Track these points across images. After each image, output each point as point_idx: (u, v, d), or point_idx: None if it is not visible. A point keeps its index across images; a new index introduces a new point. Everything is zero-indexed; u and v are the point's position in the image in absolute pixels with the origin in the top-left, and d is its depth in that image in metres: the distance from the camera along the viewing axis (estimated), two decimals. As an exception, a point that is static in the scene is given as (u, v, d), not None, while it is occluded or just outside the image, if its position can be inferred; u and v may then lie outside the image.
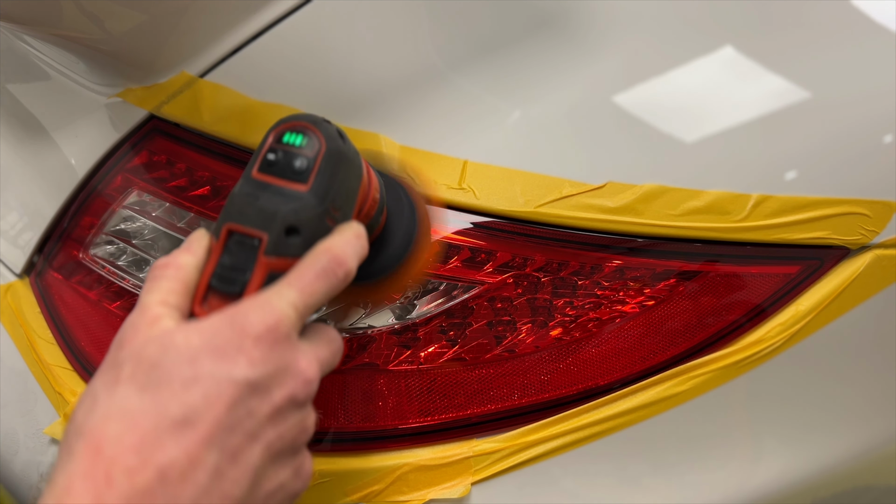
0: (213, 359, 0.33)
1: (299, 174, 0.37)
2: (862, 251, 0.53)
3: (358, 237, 0.39)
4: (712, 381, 0.52)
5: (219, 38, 0.49)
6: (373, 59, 0.50)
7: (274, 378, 0.34)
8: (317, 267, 0.36)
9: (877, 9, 0.54)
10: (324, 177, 0.37)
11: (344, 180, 0.39)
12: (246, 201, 0.37)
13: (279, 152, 0.38)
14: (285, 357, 0.35)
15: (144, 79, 0.51)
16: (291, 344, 0.35)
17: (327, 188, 0.38)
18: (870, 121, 0.53)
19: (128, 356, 0.34)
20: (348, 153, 0.39)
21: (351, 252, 0.38)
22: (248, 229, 0.36)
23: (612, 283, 0.50)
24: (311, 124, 0.38)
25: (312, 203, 0.37)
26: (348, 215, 0.40)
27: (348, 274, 0.37)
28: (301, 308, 0.35)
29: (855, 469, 0.58)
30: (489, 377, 0.50)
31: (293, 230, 0.37)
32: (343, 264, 0.37)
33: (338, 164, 0.38)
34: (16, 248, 0.61)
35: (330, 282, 0.36)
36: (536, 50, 0.51)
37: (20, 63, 0.60)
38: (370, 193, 0.42)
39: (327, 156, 0.38)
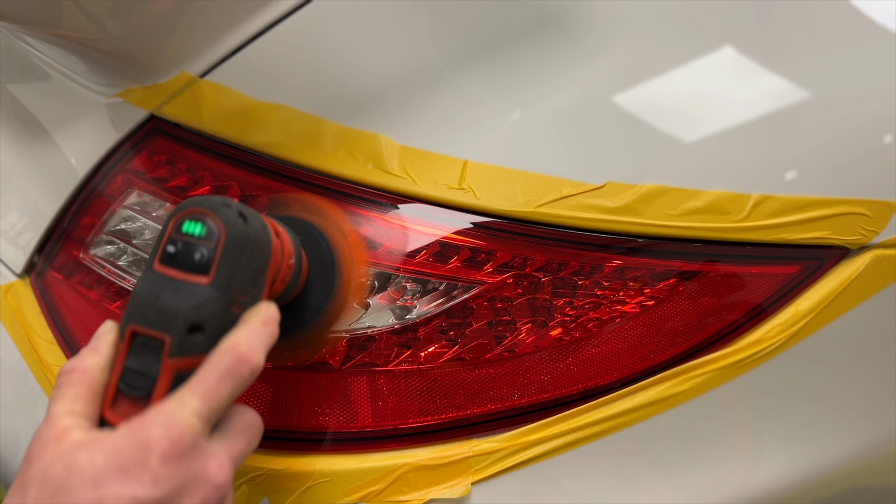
0: (117, 479, 0.33)
1: (200, 266, 0.36)
2: (862, 251, 0.53)
3: (265, 324, 0.38)
4: (712, 381, 0.52)
5: (219, 38, 0.49)
6: (373, 60, 0.50)
7: (181, 491, 0.34)
8: (220, 369, 0.36)
9: (877, 9, 0.54)
10: (226, 266, 0.36)
11: (249, 264, 0.38)
12: (147, 301, 0.36)
13: (178, 243, 0.37)
14: (192, 467, 0.34)
15: (145, 79, 0.51)
16: (198, 452, 0.35)
17: (230, 277, 0.36)
18: (870, 121, 0.53)
19: (34, 477, 0.33)
20: (252, 234, 0.38)
21: (257, 344, 0.37)
22: (151, 331, 0.36)
23: (612, 283, 0.50)
24: (209, 211, 0.37)
25: (215, 296, 0.36)
26: (258, 297, 0.39)
27: (255, 370, 0.37)
28: (206, 414, 0.35)
29: (855, 469, 0.58)
30: (489, 377, 0.51)
31: (196, 328, 0.36)
32: (248, 362, 0.36)
33: (241, 249, 0.37)
34: (16, 247, 0.61)
35: (235, 382, 0.36)
36: (536, 50, 0.51)
37: (20, 63, 0.60)
38: (283, 262, 0.41)
39: (228, 244, 0.36)
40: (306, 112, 0.50)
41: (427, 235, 0.50)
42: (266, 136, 0.50)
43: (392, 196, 0.50)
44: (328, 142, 0.50)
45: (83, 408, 0.36)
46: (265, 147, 0.50)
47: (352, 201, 0.50)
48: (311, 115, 0.50)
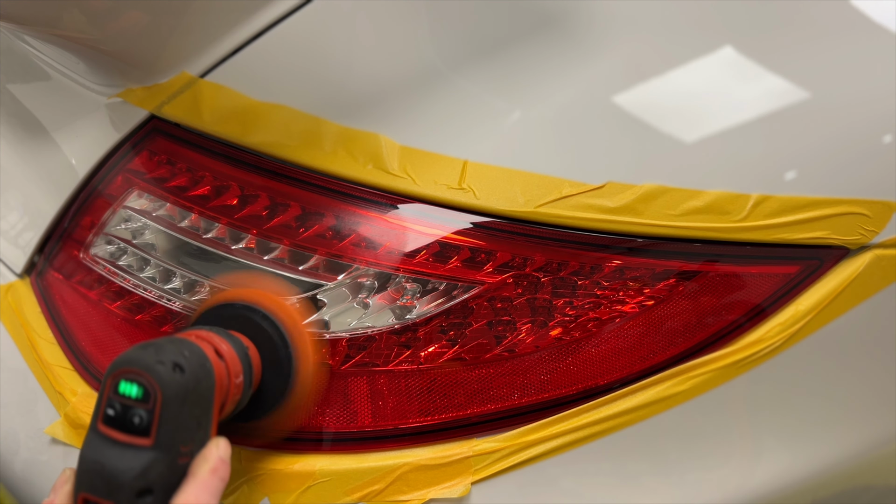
0: None
1: (140, 430, 0.36)
2: (861, 251, 0.53)
3: (214, 471, 0.38)
4: (712, 380, 0.52)
5: (219, 38, 0.49)
6: (373, 60, 0.50)
7: None
8: None
9: (877, 9, 0.54)
10: (168, 424, 0.36)
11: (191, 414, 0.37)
12: (93, 468, 0.36)
13: (116, 405, 0.37)
14: None
15: (145, 79, 0.51)
16: None
17: (173, 434, 0.36)
18: (869, 121, 0.53)
19: None
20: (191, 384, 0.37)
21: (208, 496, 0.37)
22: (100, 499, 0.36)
23: (611, 283, 0.50)
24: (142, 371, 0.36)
25: (160, 457, 0.36)
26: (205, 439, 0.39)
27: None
28: None
29: (855, 469, 0.58)
30: (489, 377, 0.51)
31: (145, 491, 0.36)
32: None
33: (181, 404, 0.37)
34: (16, 247, 0.62)
35: None
36: (536, 50, 0.51)
37: (20, 63, 0.60)
38: (230, 386, 0.41)
39: (166, 403, 0.36)
40: (306, 112, 0.50)
41: (427, 235, 0.50)
42: (266, 136, 0.50)
43: (392, 196, 0.50)
44: (328, 142, 0.50)
45: None
46: (265, 147, 0.50)
47: (352, 201, 0.50)
48: (311, 115, 0.50)
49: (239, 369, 0.42)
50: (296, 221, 0.51)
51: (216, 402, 0.39)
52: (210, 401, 0.39)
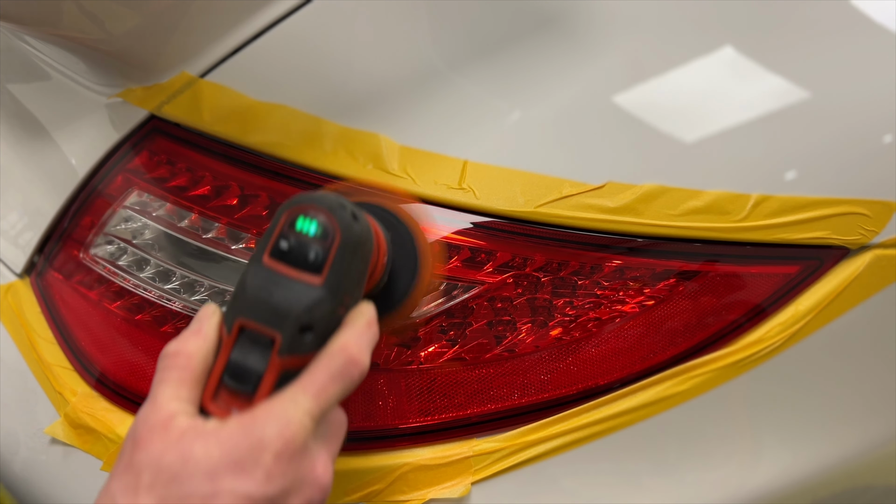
0: (232, 474, 0.33)
1: (313, 266, 0.36)
2: (861, 251, 0.53)
3: (369, 326, 0.38)
4: (712, 380, 0.52)
5: (219, 38, 0.49)
6: (373, 60, 0.50)
7: (290, 490, 0.34)
8: (332, 369, 0.36)
9: (877, 9, 0.54)
10: (338, 268, 0.36)
11: (357, 266, 0.38)
12: (259, 296, 0.36)
13: (292, 239, 0.36)
14: (302, 468, 0.35)
15: (145, 79, 0.51)
16: (307, 453, 0.35)
17: (341, 279, 0.36)
18: (869, 121, 0.53)
19: (146, 462, 0.34)
20: (362, 237, 0.38)
21: (365, 346, 0.37)
22: (262, 327, 0.36)
23: (611, 283, 0.50)
24: (326, 210, 0.37)
25: (326, 297, 0.36)
26: (359, 297, 0.39)
27: (363, 372, 0.37)
28: (317, 414, 0.36)
29: (854, 469, 0.58)
30: (489, 377, 0.51)
31: (307, 328, 0.36)
32: (358, 364, 0.37)
33: (353, 252, 0.37)
34: (16, 247, 0.62)
35: (345, 383, 0.36)
36: (536, 50, 0.51)
37: (20, 63, 0.60)
38: (379, 261, 0.41)
39: (342, 246, 0.36)
40: (306, 112, 0.50)
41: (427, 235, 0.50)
42: (266, 136, 0.50)
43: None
44: (328, 142, 0.50)
45: (188, 393, 0.36)
46: (265, 147, 0.50)
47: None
48: (311, 115, 0.50)
49: (385, 249, 0.42)
50: (296, 221, 0.51)
51: (371, 266, 0.40)
52: (368, 262, 0.39)
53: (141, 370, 0.54)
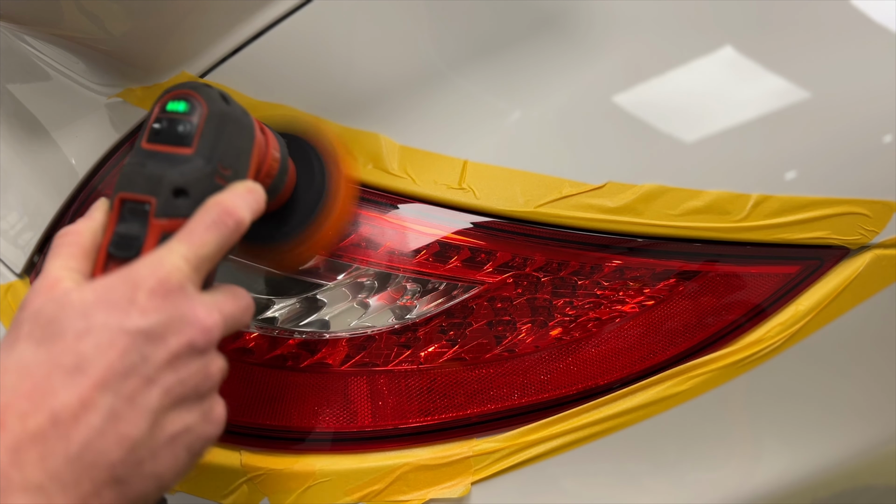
0: (106, 311, 0.34)
1: (184, 138, 0.38)
2: (862, 251, 0.53)
3: (250, 191, 0.39)
4: (712, 380, 0.52)
5: (219, 38, 0.49)
6: (373, 60, 0.50)
7: (169, 327, 0.35)
8: (206, 220, 0.37)
9: (877, 9, 0.54)
10: (208, 138, 0.39)
11: (231, 140, 0.40)
12: (134, 170, 0.38)
13: (164, 121, 0.39)
14: (180, 307, 0.35)
15: (145, 79, 0.51)
16: (186, 295, 0.36)
17: (213, 148, 0.39)
18: (870, 121, 0.53)
19: (27, 316, 0.35)
20: (233, 114, 0.40)
21: (241, 203, 0.38)
22: (138, 196, 0.38)
23: (611, 283, 0.50)
24: (191, 90, 0.39)
25: (199, 164, 0.38)
26: (242, 174, 0.41)
27: (239, 224, 0.38)
28: (193, 260, 0.36)
29: (855, 469, 0.58)
30: (489, 377, 0.51)
31: (181, 191, 0.38)
32: (232, 214, 0.38)
33: (222, 124, 0.39)
34: (16, 247, 0.61)
35: (220, 232, 0.37)
36: (536, 50, 0.51)
37: (20, 63, 0.60)
38: (268, 153, 0.43)
39: (210, 117, 0.39)
40: (306, 112, 0.50)
41: (427, 235, 0.50)
42: (266, 136, 0.50)
43: (392, 196, 0.50)
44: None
45: (77, 264, 0.38)
46: (265, 147, 0.50)
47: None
48: (311, 115, 0.50)
49: (277, 147, 0.44)
50: (296, 221, 0.51)
51: (255, 153, 0.41)
52: (249, 142, 0.41)
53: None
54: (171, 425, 0.35)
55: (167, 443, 0.35)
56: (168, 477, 0.35)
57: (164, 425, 0.35)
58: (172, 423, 0.35)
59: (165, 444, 0.35)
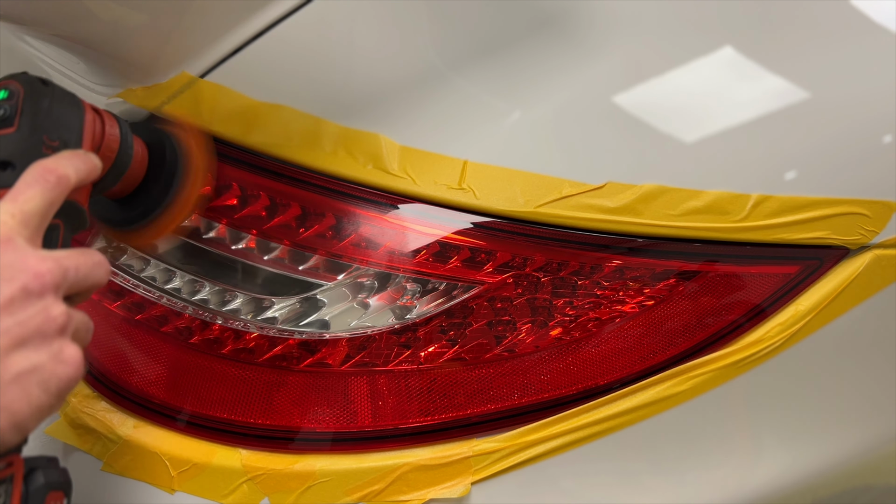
0: None
1: (6, 120, 0.42)
2: (861, 251, 0.53)
3: (75, 154, 0.42)
4: (712, 380, 0.52)
5: (219, 38, 0.49)
6: (373, 60, 0.50)
7: None
8: (27, 178, 0.40)
9: (877, 9, 0.54)
10: (28, 115, 0.42)
11: (55, 116, 0.43)
12: None
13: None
14: (8, 256, 0.38)
15: (145, 79, 0.51)
16: (15, 246, 0.38)
17: (34, 123, 0.42)
18: (869, 121, 0.53)
19: None
20: (52, 92, 0.43)
21: (64, 163, 0.41)
22: None
23: (611, 283, 0.50)
24: (10, 79, 0.43)
25: (21, 137, 0.42)
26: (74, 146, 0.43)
27: (61, 178, 0.40)
28: (18, 214, 0.39)
29: (855, 469, 0.58)
30: (489, 377, 0.51)
31: (6, 164, 0.41)
32: (53, 171, 0.40)
33: (39, 102, 0.42)
34: (16, 247, 0.61)
35: (42, 186, 0.40)
36: (536, 50, 0.51)
37: (20, 63, 0.60)
38: (103, 129, 0.46)
39: (28, 98, 0.42)
40: (306, 112, 0.50)
41: (427, 235, 0.50)
42: (266, 136, 0.50)
43: (392, 196, 0.50)
44: (328, 142, 0.50)
45: None
46: (265, 147, 0.50)
47: (352, 201, 0.50)
48: (311, 115, 0.50)
49: (114, 124, 0.47)
50: (296, 221, 0.51)
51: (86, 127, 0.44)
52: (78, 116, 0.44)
53: (141, 370, 0.54)
54: (15, 364, 0.37)
55: (13, 380, 0.36)
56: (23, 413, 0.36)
57: (8, 365, 0.36)
58: (17, 362, 0.37)
59: (12, 381, 0.36)
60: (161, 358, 0.53)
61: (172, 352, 0.53)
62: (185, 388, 0.52)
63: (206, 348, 0.51)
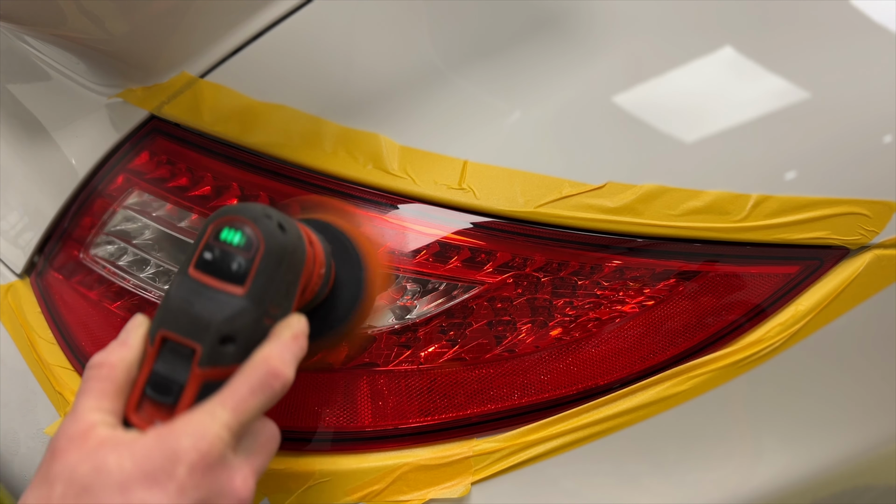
0: (144, 487, 0.33)
1: (236, 276, 0.36)
2: (861, 251, 0.53)
3: (296, 338, 0.38)
4: (712, 381, 0.52)
5: (219, 38, 0.49)
6: (373, 60, 0.50)
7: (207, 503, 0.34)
8: (252, 382, 0.36)
9: (877, 9, 0.54)
10: (262, 278, 0.36)
11: (284, 277, 0.38)
12: (181, 307, 0.36)
13: (216, 250, 0.36)
14: (219, 481, 0.35)
15: (145, 79, 0.51)
16: (225, 466, 0.35)
17: (265, 289, 0.37)
18: (870, 121, 0.53)
19: (60, 473, 0.33)
20: (289, 246, 0.38)
21: (289, 359, 0.37)
22: (182, 339, 0.36)
23: (611, 283, 0.50)
24: (249, 220, 0.37)
25: (249, 308, 0.36)
26: (288, 309, 0.39)
27: (285, 385, 0.37)
28: (235, 427, 0.35)
29: (855, 469, 0.58)
30: (489, 377, 0.51)
31: (228, 339, 0.36)
32: (280, 376, 0.37)
33: (278, 262, 0.37)
34: (16, 247, 0.62)
35: (266, 395, 0.36)
36: (536, 50, 0.51)
37: (20, 63, 0.60)
38: (314, 272, 0.41)
39: (266, 255, 0.36)
40: (306, 112, 0.50)
41: (427, 235, 0.50)
42: (266, 136, 0.50)
43: (392, 196, 0.50)
44: (328, 142, 0.50)
45: (110, 404, 0.36)
46: (265, 147, 0.50)
47: (352, 201, 0.50)
48: (311, 115, 0.50)
49: (323, 261, 0.42)
50: (296, 221, 0.51)
51: (303, 278, 0.39)
52: (299, 273, 0.39)
53: (141, 370, 0.54)
54: None
55: None
56: None
57: None
58: None
59: None
60: (161, 358, 0.53)
61: (172, 352, 0.53)
62: (185, 388, 0.52)
63: (206, 348, 0.51)
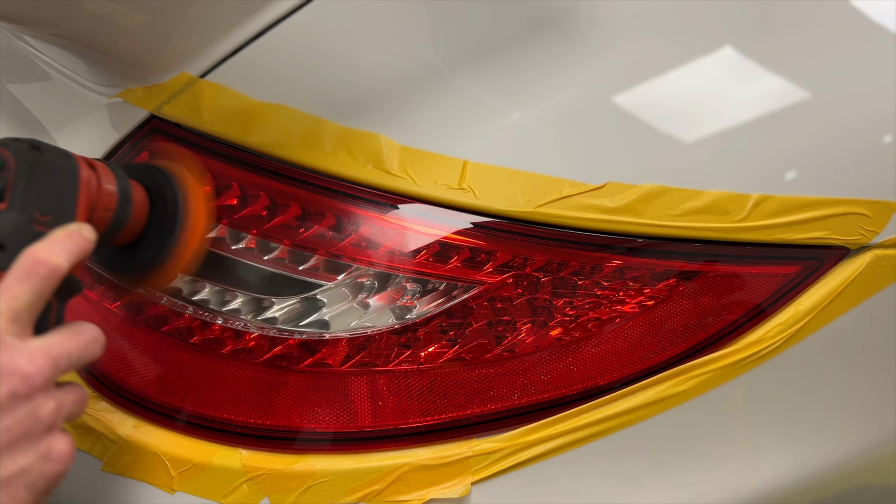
0: None
1: None
2: (861, 251, 0.53)
3: (68, 235, 0.41)
4: (712, 380, 0.52)
5: (219, 38, 0.49)
6: (373, 60, 0.50)
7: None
8: (17, 272, 0.39)
9: (877, 9, 0.54)
10: (21, 190, 0.40)
11: (48, 186, 0.41)
12: None
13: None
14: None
15: (145, 79, 0.51)
16: (3, 346, 0.37)
17: (26, 199, 0.40)
18: (869, 121, 0.53)
19: None
20: (45, 160, 0.41)
21: (56, 249, 0.40)
22: None
23: (611, 283, 0.50)
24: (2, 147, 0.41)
25: (12, 216, 0.40)
26: (68, 217, 0.41)
27: (53, 270, 0.39)
28: (7, 312, 0.38)
29: (855, 469, 0.58)
30: (489, 377, 0.51)
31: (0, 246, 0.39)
32: (44, 263, 0.39)
33: (33, 173, 0.40)
34: (16, 247, 0.61)
35: (33, 280, 0.38)
36: (536, 50, 0.51)
37: (20, 63, 0.60)
38: (100, 188, 0.44)
39: (19, 170, 0.40)
40: (306, 112, 0.50)
41: (427, 235, 0.50)
42: (266, 136, 0.50)
43: (392, 196, 0.50)
44: (328, 142, 0.50)
45: None
46: (265, 147, 0.50)
47: (352, 201, 0.50)
48: (311, 115, 0.50)
49: (111, 179, 0.45)
50: (296, 221, 0.51)
51: (82, 194, 0.42)
52: (72, 186, 0.42)
53: (141, 370, 0.54)
54: (3, 470, 0.36)
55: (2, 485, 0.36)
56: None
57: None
58: (5, 467, 0.36)
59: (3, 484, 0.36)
60: (161, 358, 0.53)
61: (172, 352, 0.53)
62: (186, 388, 0.52)
63: (206, 348, 0.52)
